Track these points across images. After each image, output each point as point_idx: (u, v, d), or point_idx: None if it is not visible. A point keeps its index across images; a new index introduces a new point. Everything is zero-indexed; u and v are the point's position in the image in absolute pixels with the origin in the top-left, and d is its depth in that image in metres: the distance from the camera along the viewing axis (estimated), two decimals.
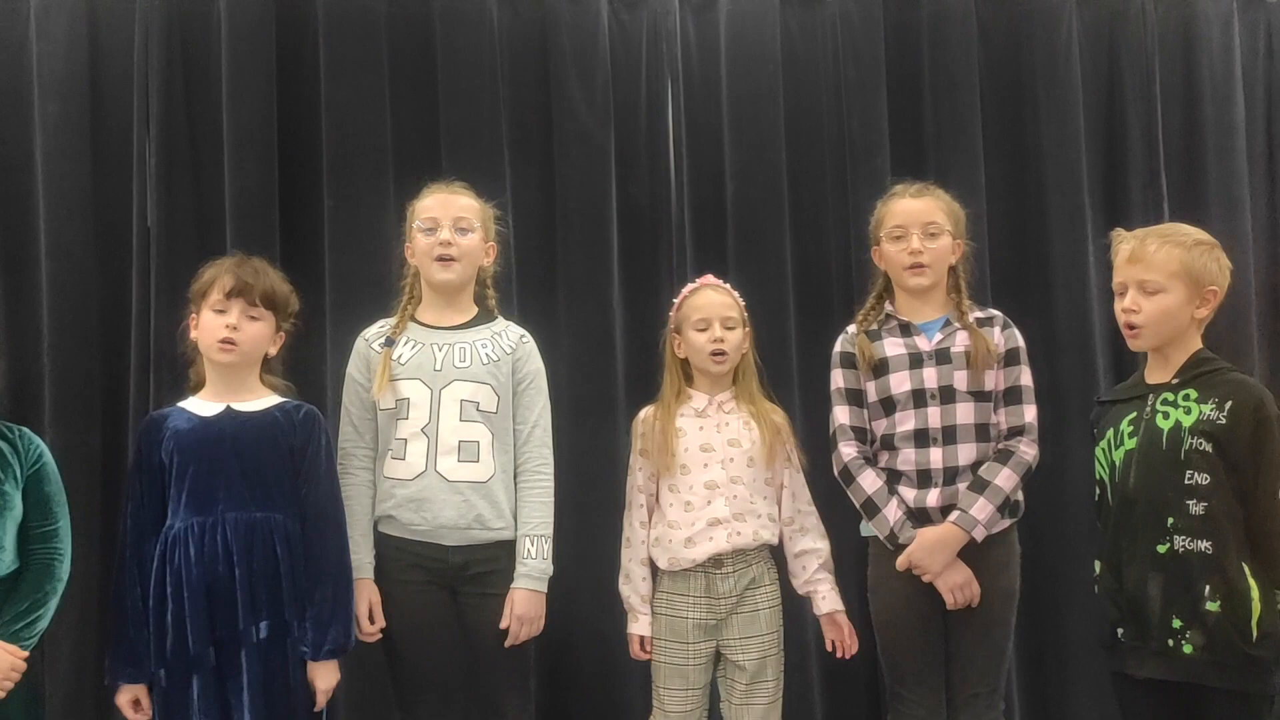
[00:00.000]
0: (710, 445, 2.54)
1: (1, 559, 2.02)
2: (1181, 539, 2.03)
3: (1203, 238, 2.18)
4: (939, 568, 2.35)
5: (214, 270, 2.31)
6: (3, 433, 2.14)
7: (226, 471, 2.20)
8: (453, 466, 2.41)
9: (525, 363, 2.55)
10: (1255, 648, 1.99)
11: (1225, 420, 2.02)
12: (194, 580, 2.14)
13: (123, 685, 2.19)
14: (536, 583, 2.45)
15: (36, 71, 3.37)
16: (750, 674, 2.50)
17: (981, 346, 2.41)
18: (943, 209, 2.53)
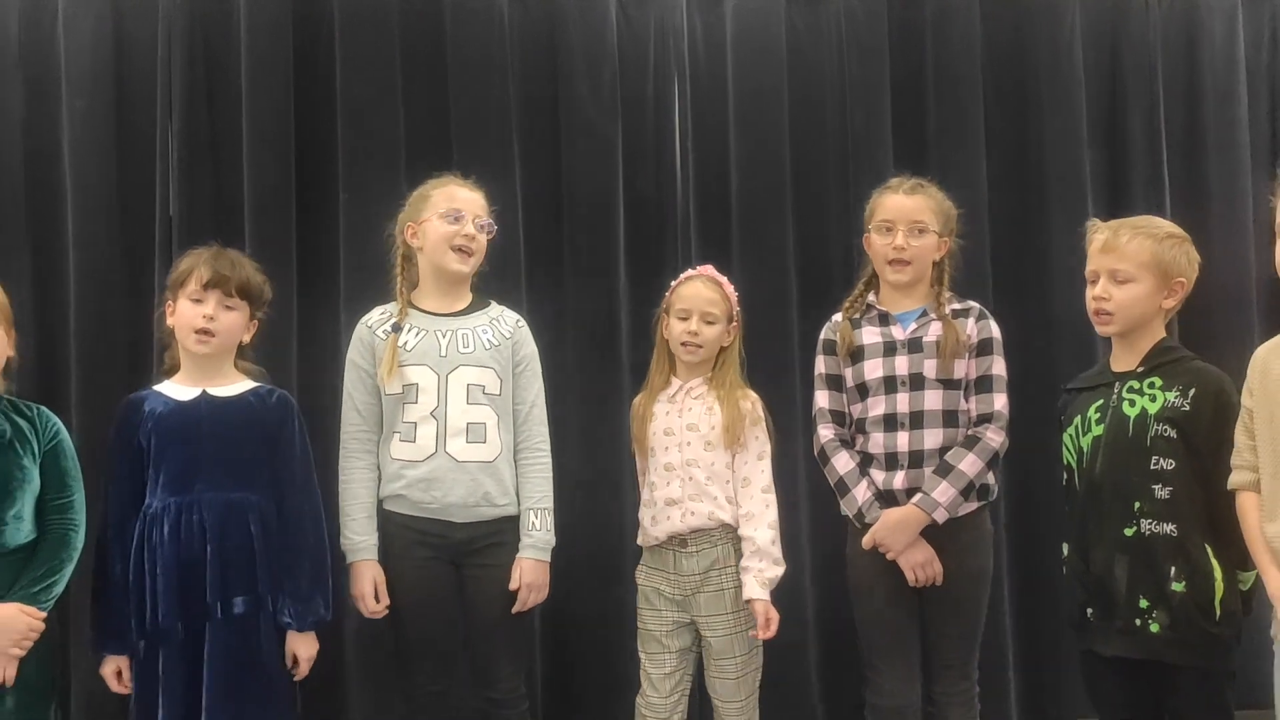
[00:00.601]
0: (671, 429, 2.64)
1: (20, 529, 2.15)
2: (1147, 522, 2.10)
3: (1174, 231, 2.24)
4: (901, 546, 2.43)
5: (191, 260, 2.40)
6: (22, 411, 2.26)
7: (203, 454, 2.30)
8: (462, 447, 2.51)
9: (522, 346, 2.65)
10: (1218, 626, 2.05)
11: (1189, 407, 2.09)
12: (168, 557, 2.24)
13: (107, 656, 2.31)
14: (541, 552, 2.56)
15: (64, 68, 3.50)
16: (717, 650, 2.60)
17: (952, 337, 2.49)
18: (932, 208, 2.60)
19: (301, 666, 2.34)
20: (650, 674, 2.63)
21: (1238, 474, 2.01)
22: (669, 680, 2.61)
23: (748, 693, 2.63)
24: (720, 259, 3.73)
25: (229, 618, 2.25)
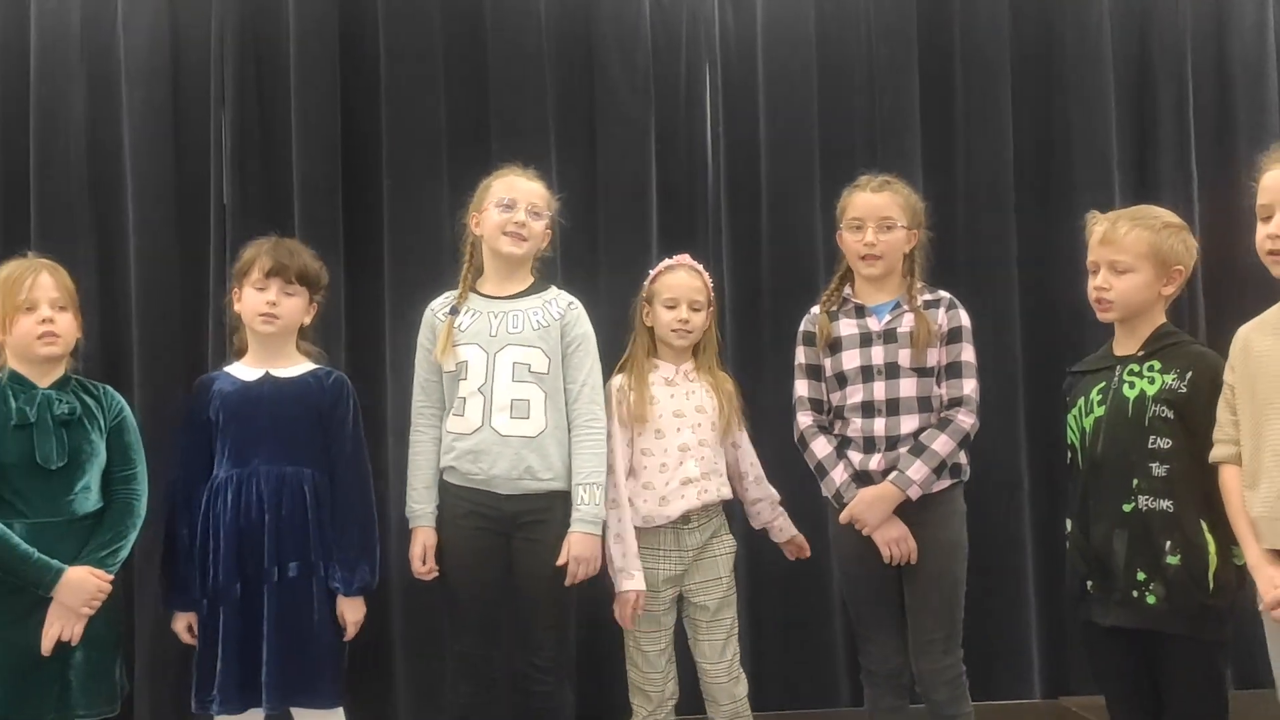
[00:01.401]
0: (681, 411, 2.77)
1: (89, 498, 2.33)
2: (1145, 499, 2.18)
3: (1171, 220, 2.31)
4: (876, 522, 2.55)
5: (253, 251, 2.57)
6: (90, 390, 2.44)
7: (262, 429, 2.48)
8: (505, 422, 2.65)
9: (574, 327, 2.77)
10: (1212, 598, 2.14)
11: (1186, 389, 2.16)
12: (229, 524, 2.42)
13: (176, 612, 2.50)
14: (591, 526, 2.65)
15: (124, 62, 3.67)
16: (710, 613, 2.75)
17: (924, 328, 2.59)
18: (899, 204, 2.68)
19: (349, 629, 2.50)
20: (647, 652, 2.75)
21: (1220, 448, 2.10)
22: (663, 655, 2.76)
23: (732, 654, 2.78)
24: (750, 244, 3.86)
25: (284, 581, 2.42)
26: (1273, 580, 1.94)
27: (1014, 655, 3.81)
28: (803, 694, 3.73)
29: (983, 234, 3.91)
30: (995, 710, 3.64)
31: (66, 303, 2.38)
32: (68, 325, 2.37)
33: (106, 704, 2.33)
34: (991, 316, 3.81)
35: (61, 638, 2.22)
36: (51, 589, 2.21)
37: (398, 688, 3.62)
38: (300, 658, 2.42)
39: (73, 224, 3.61)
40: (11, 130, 3.63)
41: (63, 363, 2.41)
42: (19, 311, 2.32)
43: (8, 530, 2.22)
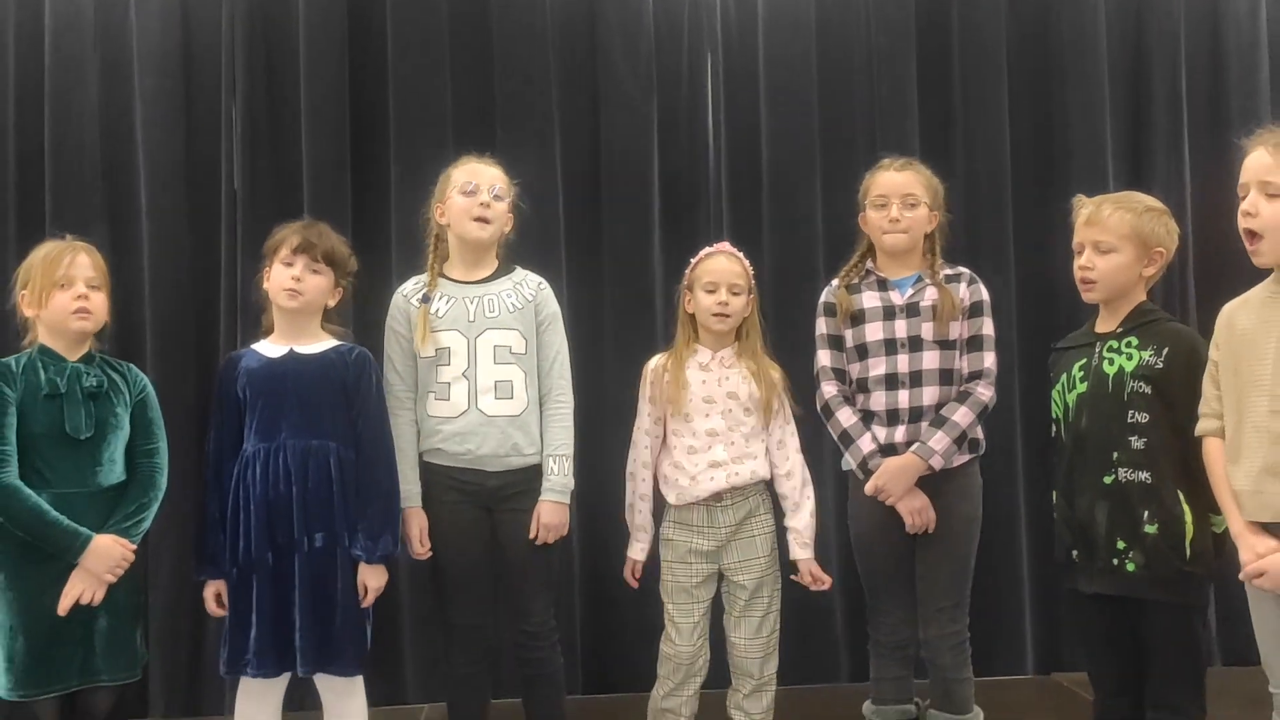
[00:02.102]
0: (712, 397, 2.81)
1: (113, 470, 2.42)
2: (1124, 471, 2.27)
3: (1153, 204, 2.39)
4: (900, 492, 2.61)
5: (284, 230, 2.65)
6: (115, 367, 2.52)
7: (288, 404, 2.55)
8: (491, 403, 2.74)
9: (545, 306, 2.85)
10: (1189, 565, 2.23)
11: (1163, 365, 2.25)
12: (258, 496, 2.50)
13: (207, 581, 2.58)
14: (560, 495, 2.77)
15: (136, 48, 3.75)
16: (749, 591, 2.79)
17: (947, 302, 2.65)
18: (922, 183, 2.75)
19: (369, 596, 2.58)
20: (679, 624, 2.81)
21: (1204, 422, 2.18)
22: (696, 629, 2.81)
23: (769, 631, 2.82)
24: (751, 229, 3.93)
25: (313, 551, 2.51)
26: (1254, 549, 2.01)
27: (1007, 631, 3.90)
28: (805, 670, 3.80)
29: (980, 218, 3.97)
30: (989, 685, 3.71)
31: (100, 283, 2.47)
32: (100, 303, 2.46)
33: (128, 669, 2.42)
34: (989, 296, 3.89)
35: (82, 600, 2.31)
36: (79, 555, 2.30)
37: (405, 660, 3.72)
38: (329, 626, 2.51)
39: (86, 207, 3.69)
40: (27, 115, 3.71)
41: (89, 341, 2.49)
42: (55, 288, 2.40)
43: (39, 499, 2.31)
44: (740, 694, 2.82)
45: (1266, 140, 2.08)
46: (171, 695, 3.63)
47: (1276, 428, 2.00)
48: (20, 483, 2.31)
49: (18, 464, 2.33)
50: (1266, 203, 2.03)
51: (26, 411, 2.36)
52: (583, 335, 3.72)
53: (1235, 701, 2.11)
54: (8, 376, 2.38)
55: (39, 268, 2.44)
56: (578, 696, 3.68)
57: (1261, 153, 2.06)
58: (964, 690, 2.68)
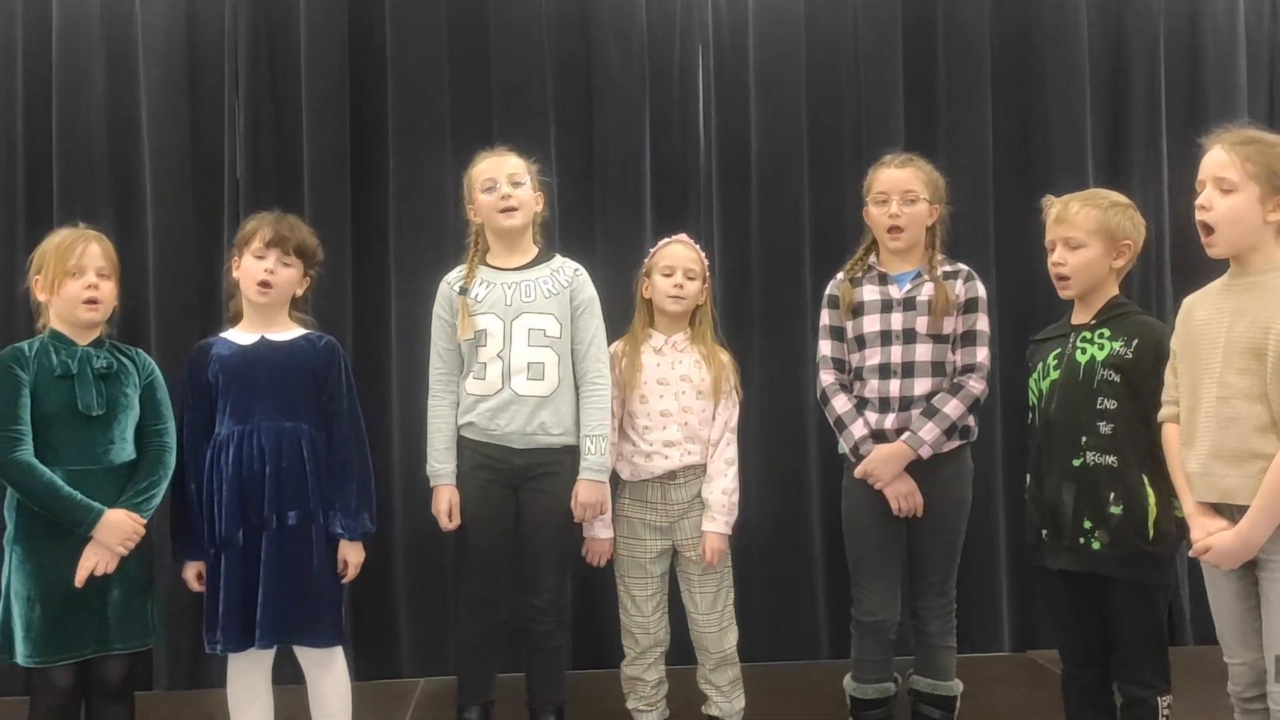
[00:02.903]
0: (665, 379, 2.94)
1: (124, 449, 2.52)
2: (1092, 454, 2.38)
3: (1119, 200, 2.50)
4: (888, 478, 2.73)
5: (256, 222, 2.73)
6: (124, 351, 2.62)
7: (262, 389, 2.64)
8: (523, 383, 2.85)
9: (580, 292, 2.96)
10: (1152, 545, 2.34)
11: (1131, 355, 2.36)
12: (231, 477, 2.59)
13: (187, 562, 2.68)
14: (598, 474, 2.86)
15: (141, 41, 3.84)
16: (700, 567, 2.92)
17: (943, 297, 2.76)
18: (922, 179, 2.84)
19: (350, 571, 2.69)
20: (635, 596, 2.95)
21: (1165, 408, 2.29)
22: (651, 600, 2.94)
23: (724, 605, 2.96)
24: (740, 220, 4.04)
25: (283, 529, 2.60)
26: (1205, 528, 2.13)
27: (985, 610, 4.02)
28: (786, 646, 3.94)
29: (962, 212, 4.04)
30: (967, 661, 3.81)
31: (110, 272, 2.56)
32: (109, 292, 2.55)
33: (140, 638, 2.52)
34: None
35: (96, 572, 2.41)
36: (93, 529, 2.40)
37: (401, 636, 3.84)
38: (299, 599, 2.60)
39: (93, 197, 3.79)
40: (35, 107, 3.81)
41: (100, 327, 2.59)
42: (67, 276, 2.49)
43: (53, 475, 2.40)
44: (705, 668, 2.96)
45: (1224, 139, 2.18)
46: (175, 669, 3.76)
47: (1225, 413, 2.11)
48: (35, 460, 2.41)
49: (32, 442, 2.43)
50: (1221, 198, 2.14)
51: (40, 392, 2.46)
52: None
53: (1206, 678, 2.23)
54: (21, 360, 2.47)
55: (52, 255, 2.53)
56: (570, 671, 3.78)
57: (1218, 150, 2.16)
58: (947, 657, 2.80)
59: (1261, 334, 2.08)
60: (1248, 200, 2.11)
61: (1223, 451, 2.11)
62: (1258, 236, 2.13)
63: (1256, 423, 2.07)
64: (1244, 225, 2.12)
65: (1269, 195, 2.11)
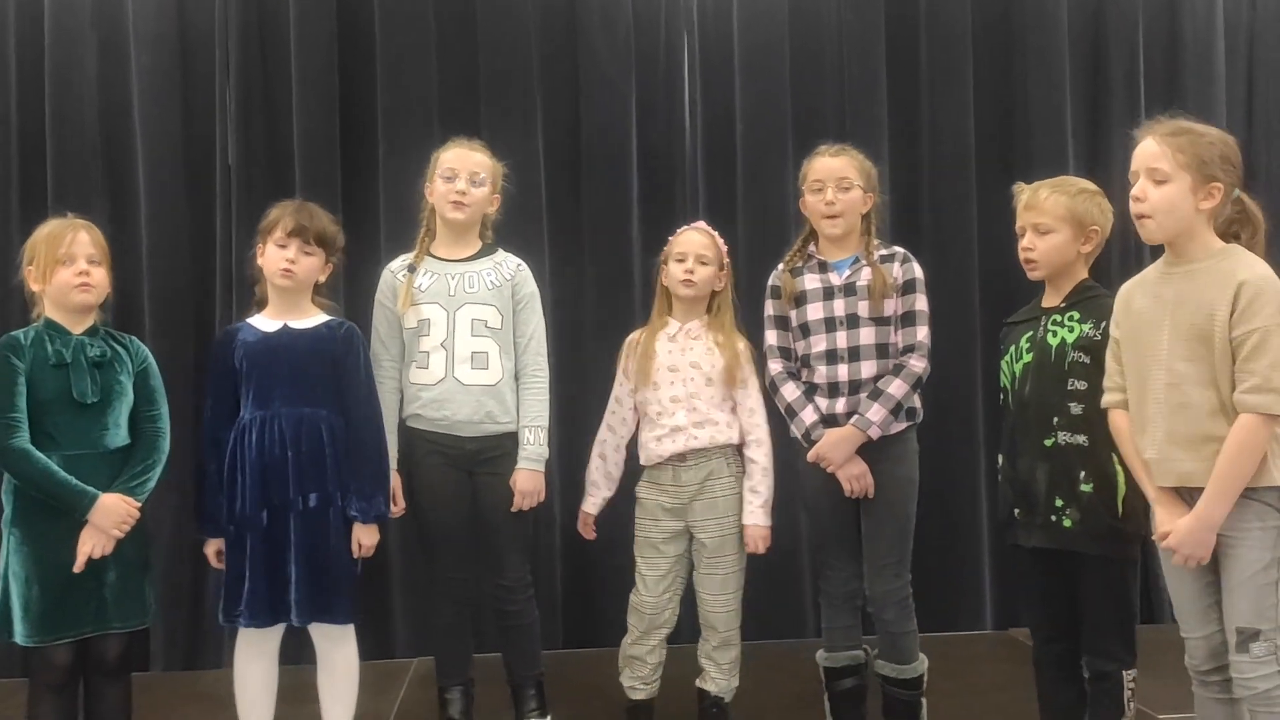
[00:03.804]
0: (676, 366, 2.99)
1: (119, 434, 2.57)
2: (1063, 434, 2.44)
3: (1087, 186, 2.56)
4: (840, 460, 2.80)
5: (278, 211, 2.78)
6: (117, 338, 2.66)
7: (282, 375, 2.70)
8: (467, 373, 2.91)
9: (522, 287, 3.02)
10: (1121, 522, 2.40)
11: (1100, 337, 2.41)
12: (253, 460, 2.66)
13: (208, 539, 2.75)
14: (535, 464, 2.95)
15: (132, 27, 3.88)
16: (710, 549, 2.97)
17: (880, 280, 2.82)
18: (855, 167, 2.90)
19: (365, 551, 2.76)
20: (645, 575, 3.01)
21: (1108, 395, 2.34)
22: (662, 581, 3.00)
23: (734, 588, 3.00)
24: (725, 206, 4.09)
25: (306, 511, 2.67)
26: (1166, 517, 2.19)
27: (967, 589, 4.11)
28: (774, 625, 4.01)
29: (945, 197, 4.15)
30: (950, 640, 3.94)
31: (100, 258, 2.61)
32: (101, 278, 2.60)
33: (137, 617, 2.58)
34: (952, 274, 4.07)
35: (93, 555, 2.46)
36: (88, 512, 2.45)
37: (395, 617, 3.91)
38: (322, 579, 2.68)
39: (86, 182, 3.84)
40: (28, 93, 3.85)
41: (93, 314, 2.63)
42: (59, 264, 2.54)
43: (49, 461, 2.46)
44: (710, 644, 3.01)
45: (1155, 130, 2.22)
46: (172, 650, 3.82)
47: (1175, 399, 2.17)
48: (31, 446, 2.46)
49: (29, 429, 2.48)
50: (1154, 188, 2.19)
51: (36, 380, 2.51)
52: (563, 308, 3.89)
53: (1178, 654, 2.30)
54: (17, 349, 2.52)
55: (42, 245, 2.57)
56: (558, 650, 3.87)
57: (1150, 141, 2.21)
58: (908, 642, 2.86)
59: (1206, 321, 2.13)
60: (1180, 190, 2.16)
61: (1177, 437, 2.17)
62: (1191, 224, 2.18)
63: (1208, 407, 2.13)
64: (1177, 214, 2.17)
65: (1200, 185, 2.16)
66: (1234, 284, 2.11)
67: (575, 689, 3.42)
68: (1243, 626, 2.12)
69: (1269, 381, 2.06)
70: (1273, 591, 2.12)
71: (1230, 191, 2.20)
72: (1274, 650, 2.11)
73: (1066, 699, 2.55)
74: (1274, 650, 2.11)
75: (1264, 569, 2.11)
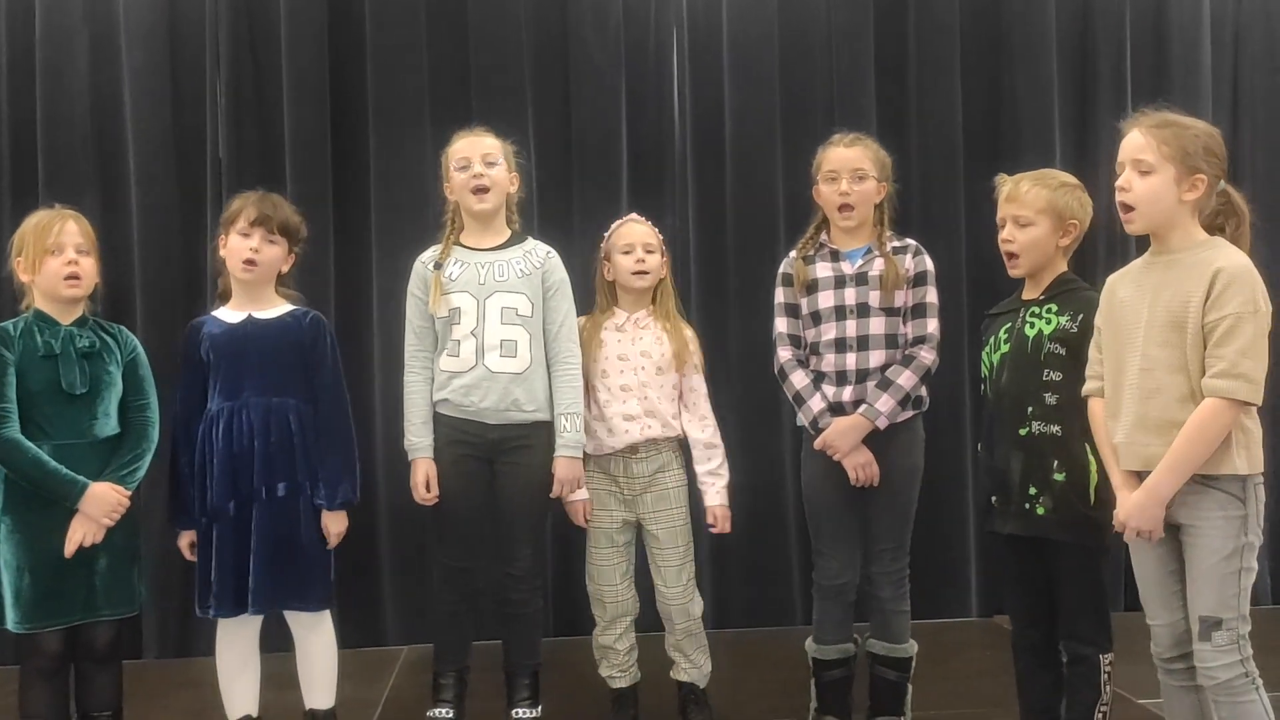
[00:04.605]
0: (626, 355, 3.03)
1: (108, 423, 2.61)
2: (1038, 424, 2.47)
3: (1067, 180, 2.58)
4: (847, 449, 2.81)
5: (240, 202, 2.81)
6: (106, 329, 2.70)
7: (249, 366, 2.73)
8: (496, 360, 2.93)
9: (552, 274, 3.03)
10: (1093, 510, 2.43)
11: (1076, 329, 2.44)
12: (222, 450, 2.69)
13: (181, 531, 2.78)
14: (573, 450, 2.95)
15: (123, 22, 3.90)
16: (661, 540, 3.01)
17: (892, 271, 2.84)
18: (870, 157, 2.92)
19: (331, 540, 2.77)
20: (601, 567, 3.04)
21: (1089, 383, 2.38)
22: (617, 570, 3.04)
23: (688, 577, 3.04)
24: (714, 198, 4.13)
25: (273, 500, 2.70)
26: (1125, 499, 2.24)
27: (954, 577, 4.15)
28: (761, 613, 4.06)
29: (934, 189, 4.17)
30: (937, 626, 3.98)
31: (89, 248, 2.64)
32: (89, 268, 2.63)
33: (126, 605, 2.61)
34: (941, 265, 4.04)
35: (84, 544, 2.50)
36: (78, 501, 2.49)
37: (386, 605, 3.95)
38: (289, 567, 2.70)
39: (78, 176, 3.86)
40: (19, 88, 3.87)
41: (82, 304, 2.66)
42: (47, 254, 2.57)
43: (39, 450, 2.49)
44: (674, 636, 3.06)
45: (1141, 122, 2.25)
46: (164, 638, 3.86)
47: (1147, 384, 2.21)
48: (21, 436, 2.49)
49: (19, 419, 2.51)
50: (1139, 179, 2.22)
51: (25, 371, 2.54)
52: None
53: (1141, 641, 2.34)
54: (6, 340, 2.55)
55: (31, 236, 2.60)
56: (549, 638, 3.89)
57: (1136, 133, 2.24)
58: (901, 622, 2.89)
59: (1181, 308, 2.17)
60: (1165, 181, 2.19)
61: (1146, 422, 2.20)
62: (1175, 215, 2.21)
63: (1178, 393, 2.17)
64: (1161, 205, 2.20)
65: (1184, 176, 2.19)
66: (1210, 271, 2.14)
67: (564, 677, 3.46)
68: (1206, 615, 2.16)
69: (1235, 367, 2.10)
70: (1235, 581, 2.15)
71: (1215, 183, 2.23)
72: (1236, 639, 2.15)
73: (1044, 683, 2.58)
74: (1236, 639, 2.15)
75: (1226, 558, 2.15)
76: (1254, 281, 2.14)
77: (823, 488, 2.89)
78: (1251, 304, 2.12)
